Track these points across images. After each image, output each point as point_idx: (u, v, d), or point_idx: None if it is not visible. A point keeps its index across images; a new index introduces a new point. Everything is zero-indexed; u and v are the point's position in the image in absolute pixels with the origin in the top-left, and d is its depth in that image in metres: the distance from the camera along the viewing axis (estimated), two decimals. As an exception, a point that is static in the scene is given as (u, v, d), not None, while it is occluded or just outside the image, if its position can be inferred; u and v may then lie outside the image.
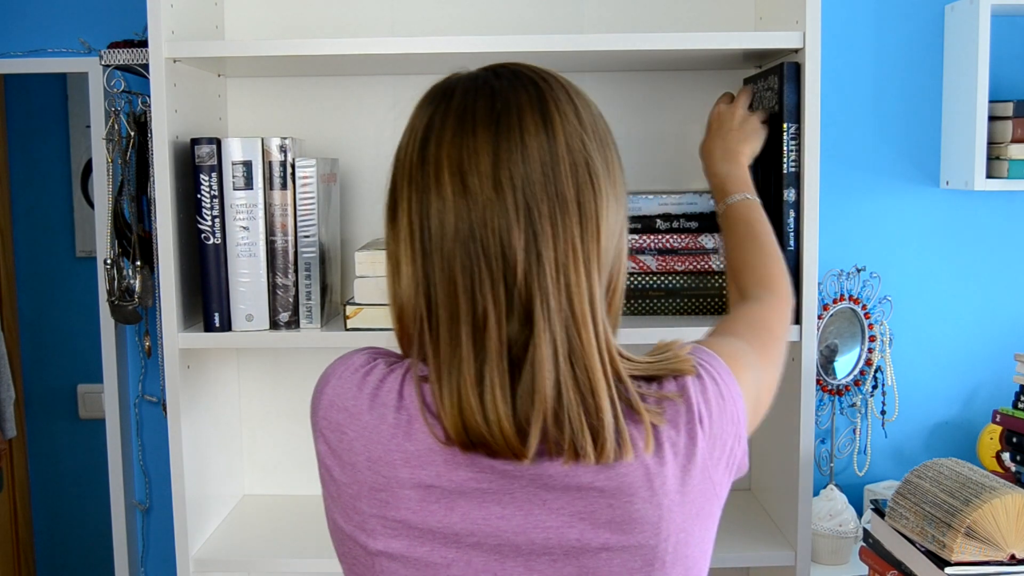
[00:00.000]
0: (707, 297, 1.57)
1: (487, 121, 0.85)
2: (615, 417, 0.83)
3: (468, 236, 0.83)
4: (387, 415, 0.87)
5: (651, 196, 1.58)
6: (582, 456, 0.83)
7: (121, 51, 1.70)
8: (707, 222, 1.57)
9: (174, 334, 1.50)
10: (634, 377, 0.88)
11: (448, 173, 0.85)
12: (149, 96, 1.53)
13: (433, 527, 0.85)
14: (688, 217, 1.57)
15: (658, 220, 1.57)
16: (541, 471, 0.85)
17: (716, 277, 1.57)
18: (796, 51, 1.47)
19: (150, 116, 1.60)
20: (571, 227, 0.84)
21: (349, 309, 1.52)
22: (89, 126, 1.82)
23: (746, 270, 1.31)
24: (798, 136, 1.47)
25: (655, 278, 1.58)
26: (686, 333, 1.41)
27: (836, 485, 1.79)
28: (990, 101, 1.68)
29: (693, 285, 1.57)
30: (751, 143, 1.47)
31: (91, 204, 1.90)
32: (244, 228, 1.50)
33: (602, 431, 0.83)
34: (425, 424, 0.86)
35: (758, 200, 1.41)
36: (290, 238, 1.52)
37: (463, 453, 0.85)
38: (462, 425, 0.83)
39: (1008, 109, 1.68)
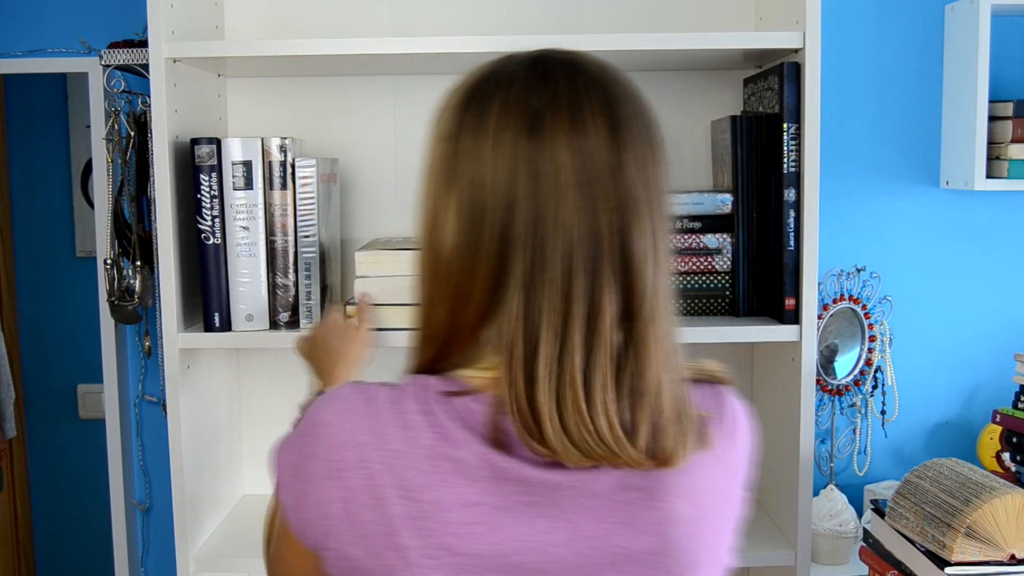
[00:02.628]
0: (711, 298, 1.57)
1: (608, 119, 0.84)
2: (696, 420, 0.83)
3: (588, 232, 0.79)
4: (420, 435, 0.81)
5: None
6: (673, 460, 0.81)
7: (121, 51, 1.70)
8: (710, 222, 1.56)
9: (174, 334, 1.50)
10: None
11: (567, 173, 0.80)
12: (149, 96, 1.53)
13: (478, 551, 0.80)
14: (692, 217, 1.56)
15: (658, 220, 1.57)
16: (591, 478, 0.81)
17: (720, 277, 1.57)
18: (796, 51, 1.47)
19: (150, 116, 1.60)
20: (663, 223, 0.84)
21: (349, 309, 1.52)
22: (89, 126, 1.82)
23: None
24: (798, 136, 1.47)
25: (655, 278, 1.57)
26: (690, 334, 1.40)
27: (836, 485, 1.79)
28: (990, 101, 1.68)
29: (697, 285, 1.57)
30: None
31: (91, 204, 1.89)
32: (244, 228, 1.50)
33: (689, 435, 0.81)
34: (467, 439, 0.81)
35: None
36: (290, 238, 1.52)
37: (514, 462, 0.80)
38: (563, 431, 0.78)
39: (1008, 109, 1.68)
